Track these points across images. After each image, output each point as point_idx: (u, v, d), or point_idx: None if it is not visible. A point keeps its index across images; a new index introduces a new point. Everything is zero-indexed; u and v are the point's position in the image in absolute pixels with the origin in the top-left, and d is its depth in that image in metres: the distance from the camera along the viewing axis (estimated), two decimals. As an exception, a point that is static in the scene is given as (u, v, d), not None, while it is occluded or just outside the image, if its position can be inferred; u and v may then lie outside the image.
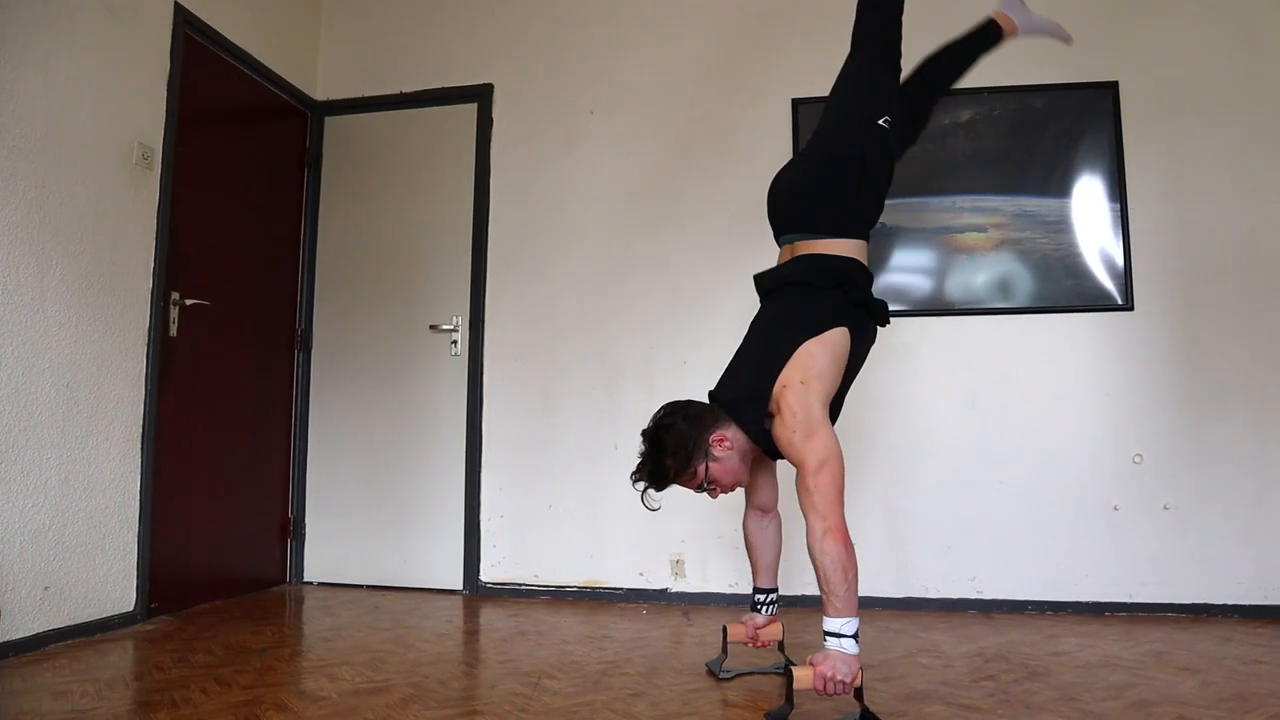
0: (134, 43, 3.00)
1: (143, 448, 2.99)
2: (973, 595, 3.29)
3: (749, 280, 2.40)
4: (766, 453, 2.18)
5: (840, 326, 2.09)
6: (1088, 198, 3.37)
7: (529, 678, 2.34)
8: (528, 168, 3.82)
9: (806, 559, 1.91)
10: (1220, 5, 3.37)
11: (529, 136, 3.83)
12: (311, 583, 3.84)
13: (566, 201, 3.77)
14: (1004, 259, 3.41)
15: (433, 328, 3.82)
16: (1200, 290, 3.28)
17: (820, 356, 2.05)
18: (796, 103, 3.55)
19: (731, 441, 2.11)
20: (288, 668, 2.46)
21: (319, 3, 4.10)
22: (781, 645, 2.41)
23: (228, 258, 3.52)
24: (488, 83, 3.88)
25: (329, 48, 4.09)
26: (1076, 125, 3.40)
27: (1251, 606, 3.10)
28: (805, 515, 1.91)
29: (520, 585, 3.61)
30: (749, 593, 2.46)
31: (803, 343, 2.05)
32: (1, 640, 2.44)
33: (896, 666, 2.45)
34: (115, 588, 2.87)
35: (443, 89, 3.92)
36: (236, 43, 3.49)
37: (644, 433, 2.15)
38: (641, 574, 3.52)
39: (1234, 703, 2.08)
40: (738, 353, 2.28)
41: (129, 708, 2.06)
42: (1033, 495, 3.29)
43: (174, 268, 3.15)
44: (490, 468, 3.69)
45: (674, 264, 3.63)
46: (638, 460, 2.14)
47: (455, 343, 3.80)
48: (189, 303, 3.23)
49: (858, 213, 2.25)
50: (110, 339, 2.88)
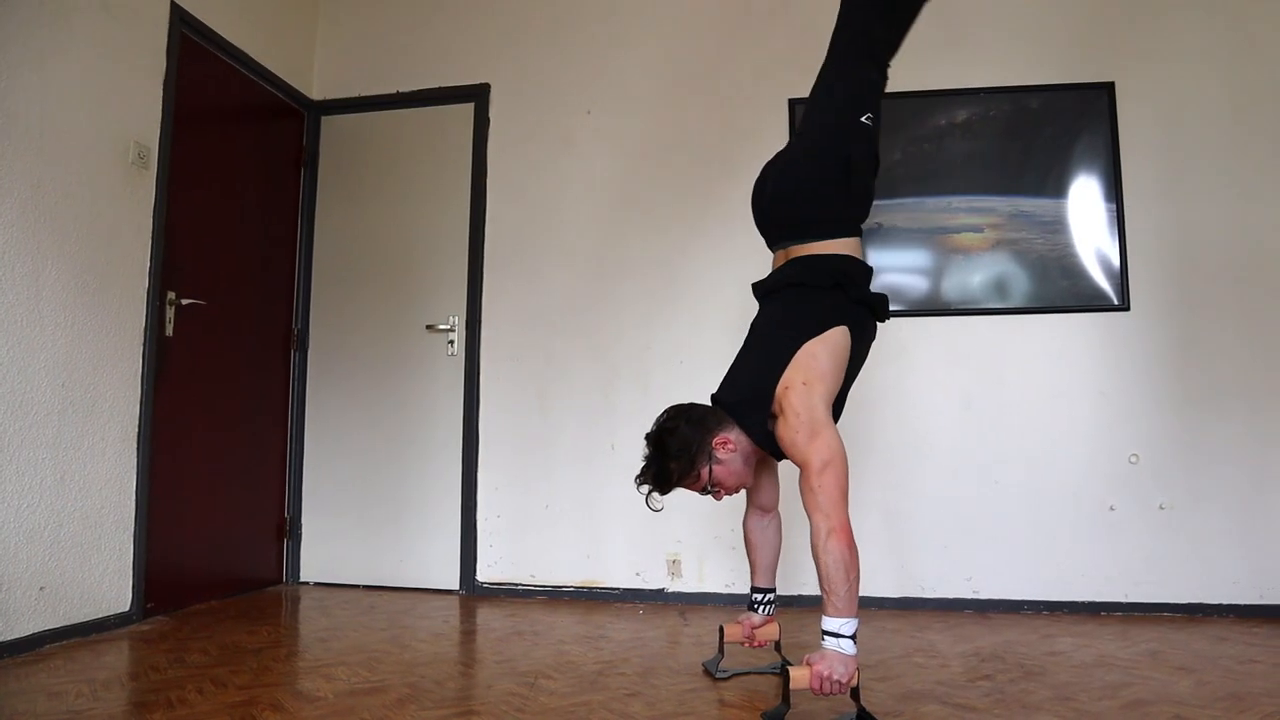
0: (130, 42, 2.99)
1: (138, 448, 2.99)
2: (969, 595, 3.29)
3: (746, 280, 2.40)
4: (770, 454, 2.18)
5: (840, 325, 2.09)
6: (1084, 198, 3.37)
7: (525, 678, 2.34)
8: (524, 168, 3.81)
9: (804, 559, 1.91)
10: (1216, 6, 3.38)
11: (526, 136, 3.83)
12: (308, 583, 3.83)
13: (563, 201, 3.77)
14: (1000, 259, 3.41)
15: (429, 328, 3.82)
16: (1196, 291, 3.29)
17: (822, 357, 2.05)
18: (793, 103, 3.55)
19: (735, 444, 2.12)
20: (284, 668, 2.45)
21: (316, 2, 4.09)
22: (778, 645, 2.41)
23: (224, 257, 3.52)
24: (484, 82, 3.88)
25: (326, 47, 4.09)
26: (1073, 126, 3.41)
27: (1247, 606, 3.11)
28: (809, 515, 1.91)
29: (517, 585, 3.61)
30: (745, 592, 2.46)
31: (804, 343, 2.05)
32: (-3, 641, 2.44)
33: (893, 666, 2.45)
34: (111, 588, 2.86)
35: (439, 89, 3.92)
36: (233, 42, 3.49)
37: (647, 436, 2.15)
38: (638, 574, 3.52)
39: (1229, 702, 2.08)
40: (739, 355, 2.27)
41: (125, 708, 2.05)
42: (1029, 495, 3.30)
43: (170, 267, 3.15)
44: (487, 468, 3.69)
45: (670, 264, 3.63)
46: (641, 464, 2.14)
47: (452, 343, 3.79)
48: (185, 302, 3.23)
49: (848, 211, 2.24)
50: (106, 339, 2.87)
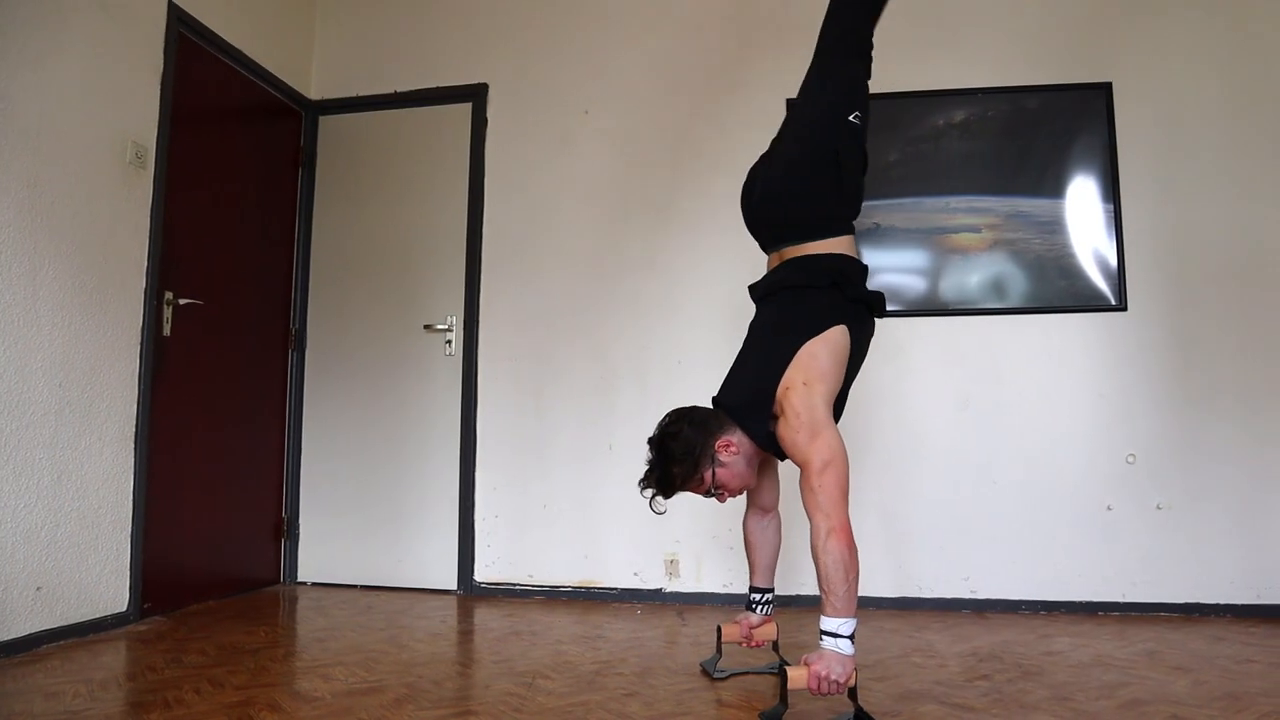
0: (127, 41, 2.99)
1: (136, 447, 2.98)
2: (967, 595, 3.30)
3: (744, 281, 2.40)
4: (774, 454, 2.18)
5: (839, 324, 2.09)
6: (1081, 198, 3.38)
7: (523, 678, 2.34)
8: (522, 167, 3.81)
9: (803, 559, 1.92)
10: (1214, 6, 3.39)
11: (523, 136, 3.83)
12: (305, 583, 3.83)
13: (561, 201, 3.77)
14: (998, 259, 3.41)
15: (427, 327, 3.82)
16: (1193, 291, 3.29)
17: (822, 357, 2.05)
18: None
19: (737, 446, 2.12)
20: (281, 668, 2.45)
21: (314, 2, 4.08)
22: (776, 645, 2.42)
23: (222, 257, 3.51)
24: (482, 82, 3.87)
25: (324, 46, 4.09)
26: (1070, 126, 3.41)
27: (1243, 606, 3.11)
28: (810, 515, 1.91)
29: (514, 585, 3.61)
30: (743, 592, 2.46)
31: (803, 344, 2.05)
32: (-7, 641, 2.44)
33: (890, 666, 2.45)
34: (108, 588, 2.86)
35: (437, 88, 3.91)
36: (230, 41, 3.49)
37: (650, 440, 2.15)
38: (636, 574, 3.52)
39: (1226, 701, 2.09)
40: (738, 357, 2.28)
41: (122, 708, 2.05)
42: (1026, 495, 3.30)
43: (167, 267, 3.15)
44: (484, 467, 3.69)
45: (668, 264, 3.63)
46: (645, 468, 2.14)
47: (449, 342, 3.79)
48: (183, 302, 3.22)
49: (839, 210, 2.24)
50: (103, 338, 2.87)
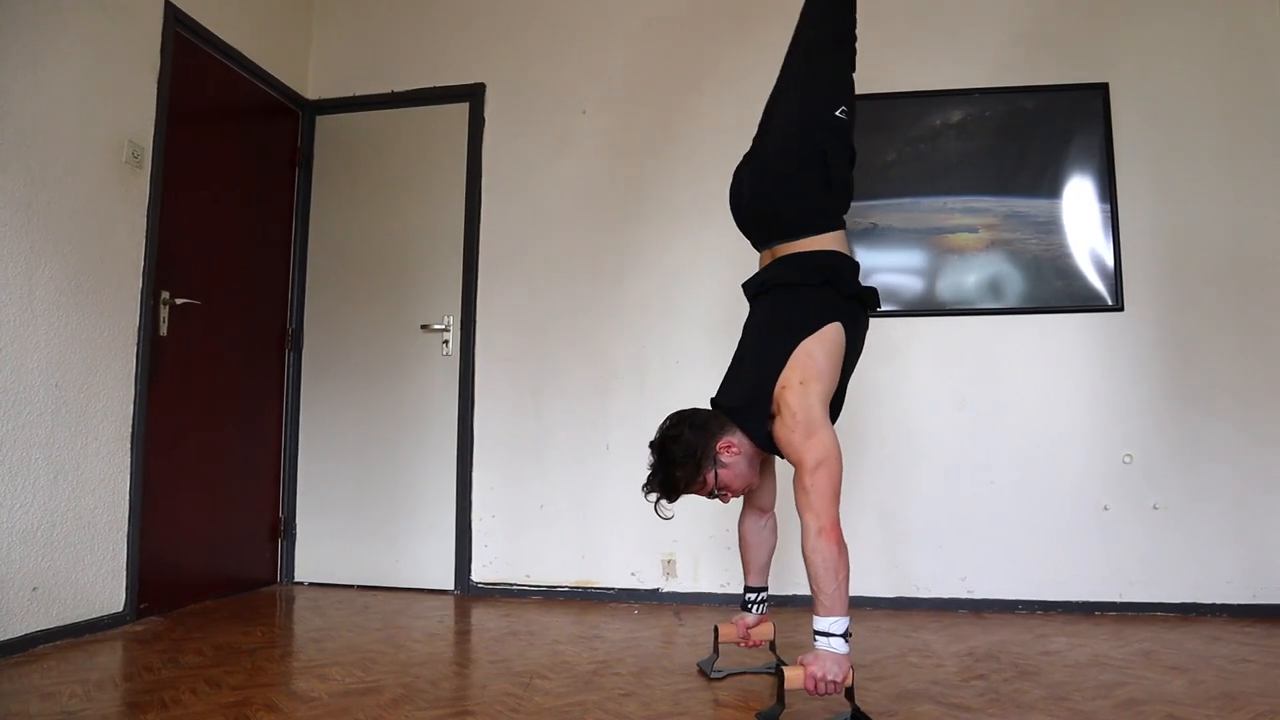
0: (124, 40, 2.98)
1: (132, 447, 2.98)
2: (963, 595, 3.30)
3: (740, 280, 2.40)
4: (774, 454, 2.18)
5: (834, 322, 2.09)
6: (1078, 199, 3.38)
7: (520, 678, 2.34)
8: (520, 167, 3.81)
9: (799, 559, 1.92)
10: (1210, 7, 3.39)
11: (521, 136, 3.82)
12: (302, 583, 3.82)
13: (558, 201, 3.77)
14: (995, 259, 3.42)
15: (424, 327, 3.81)
16: (1190, 291, 3.30)
17: (818, 355, 2.05)
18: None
19: (738, 446, 2.12)
20: (278, 668, 2.45)
21: (311, 1, 4.08)
22: (773, 645, 2.42)
23: (218, 257, 3.50)
24: (480, 82, 3.87)
25: (321, 46, 4.08)
26: (1067, 126, 3.41)
27: (1240, 605, 3.12)
28: (800, 514, 1.92)
29: (512, 585, 3.61)
30: (741, 593, 2.46)
31: (799, 343, 2.06)
32: (-11, 641, 2.43)
33: (887, 666, 2.45)
34: (104, 588, 2.85)
35: (435, 88, 3.91)
36: (227, 41, 3.48)
37: (651, 444, 2.15)
38: (633, 574, 3.52)
39: (1222, 701, 2.09)
40: (735, 358, 2.28)
41: (118, 709, 2.04)
42: (1023, 495, 3.30)
43: (164, 267, 3.14)
44: (482, 467, 3.69)
45: (666, 264, 3.63)
46: (648, 472, 2.14)
47: (447, 342, 3.79)
48: (179, 302, 3.22)
49: (829, 206, 2.24)
50: (100, 338, 2.86)
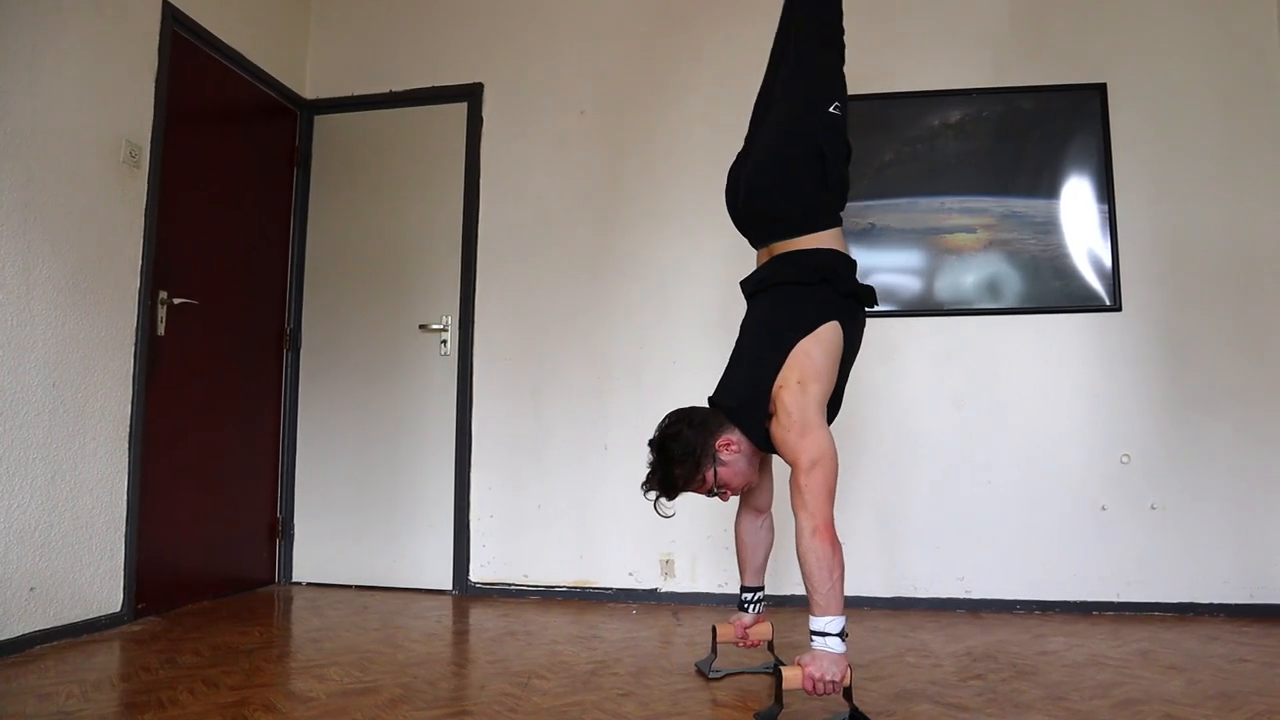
0: (122, 40, 2.98)
1: (130, 447, 2.97)
2: (961, 595, 3.30)
3: (738, 278, 2.40)
4: (772, 452, 2.18)
5: (832, 321, 2.09)
6: (1076, 199, 3.38)
7: (518, 678, 2.34)
8: (518, 167, 3.81)
9: (796, 558, 1.92)
10: (1208, 8, 3.40)
11: (519, 136, 3.82)
12: (300, 583, 3.82)
13: (557, 201, 3.76)
14: (993, 260, 3.42)
15: (422, 327, 3.81)
16: (1188, 291, 3.30)
17: (816, 354, 2.05)
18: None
19: (738, 444, 2.12)
20: (276, 668, 2.45)
21: (308, 1, 4.08)
22: (771, 645, 2.42)
23: (216, 257, 3.50)
24: (478, 82, 3.87)
25: (319, 46, 4.08)
26: (1065, 126, 3.42)
27: (1237, 605, 3.12)
28: (795, 513, 1.92)
29: (510, 585, 3.61)
30: (738, 592, 2.46)
31: (797, 342, 2.06)
32: (-14, 641, 2.43)
33: (885, 666, 2.46)
34: (102, 588, 2.85)
35: (433, 88, 3.91)
36: (225, 41, 3.48)
37: (650, 443, 2.15)
38: (631, 574, 3.52)
39: (1220, 701, 2.09)
40: (732, 357, 2.28)
41: (116, 709, 2.04)
42: (1021, 495, 3.30)
43: (162, 267, 3.14)
44: (479, 468, 3.69)
45: (664, 263, 3.63)
46: (647, 470, 2.14)
47: (445, 342, 3.79)
48: (177, 302, 3.21)
49: (826, 204, 2.23)
50: (97, 338, 2.86)
